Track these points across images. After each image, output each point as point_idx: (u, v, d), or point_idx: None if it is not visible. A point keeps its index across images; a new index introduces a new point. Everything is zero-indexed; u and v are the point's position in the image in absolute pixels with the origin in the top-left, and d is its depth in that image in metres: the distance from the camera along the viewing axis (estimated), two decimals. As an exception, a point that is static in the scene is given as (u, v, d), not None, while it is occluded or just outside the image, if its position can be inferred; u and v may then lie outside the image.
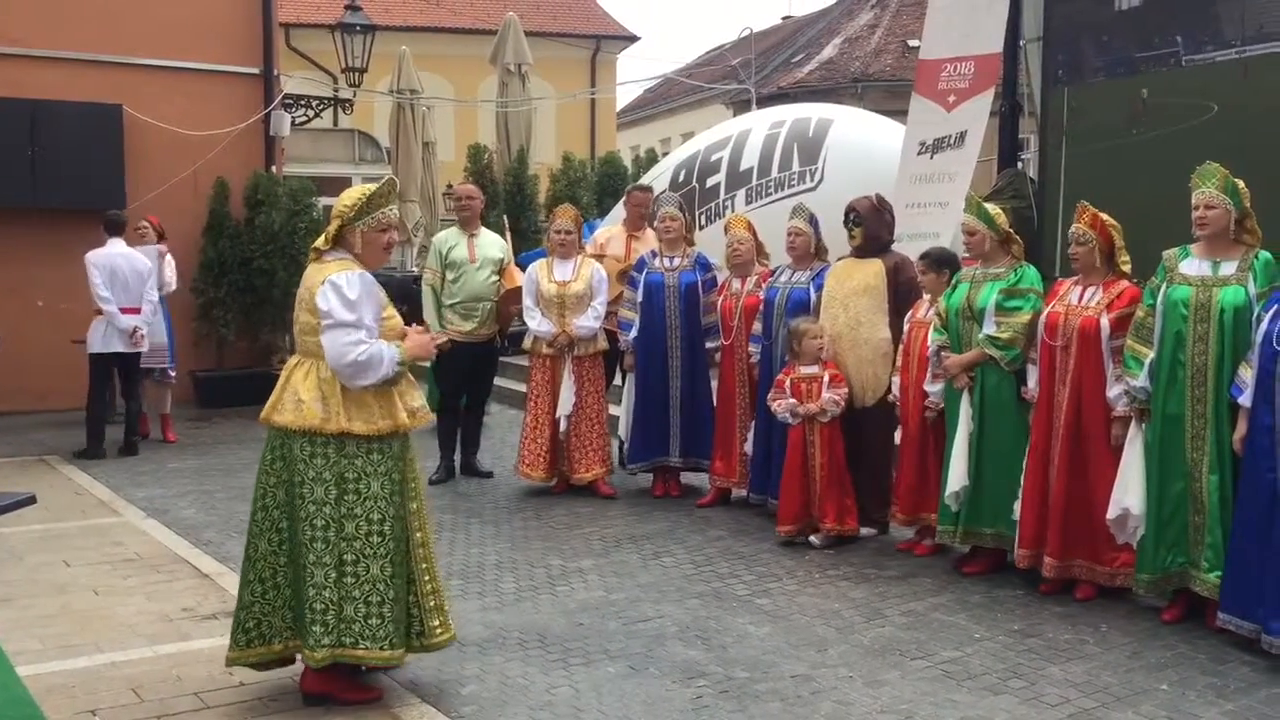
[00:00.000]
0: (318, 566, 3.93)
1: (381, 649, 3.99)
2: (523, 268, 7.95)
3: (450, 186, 8.74)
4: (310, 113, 13.98)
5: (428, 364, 4.93)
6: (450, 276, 7.66)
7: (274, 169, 11.67)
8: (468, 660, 4.60)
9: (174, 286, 9.68)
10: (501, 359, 11.61)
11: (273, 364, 11.16)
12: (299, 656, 4.15)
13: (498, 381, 10.36)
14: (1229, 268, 4.74)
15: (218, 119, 11.17)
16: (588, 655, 4.64)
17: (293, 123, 12.76)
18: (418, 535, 4.18)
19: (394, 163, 15.33)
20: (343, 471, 3.95)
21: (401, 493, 4.10)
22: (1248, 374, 4.55)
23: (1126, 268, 5.18)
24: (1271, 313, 4.48)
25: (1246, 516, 4.57)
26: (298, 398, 3.94)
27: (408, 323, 4.30)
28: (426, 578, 4.18)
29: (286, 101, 12.70)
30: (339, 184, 18.27)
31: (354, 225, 4.05)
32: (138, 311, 8.80)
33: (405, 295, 10.25)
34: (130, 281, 8.78)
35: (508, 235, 8.27)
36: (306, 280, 4.06)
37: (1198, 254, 4.84)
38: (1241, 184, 4.75)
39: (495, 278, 7.75)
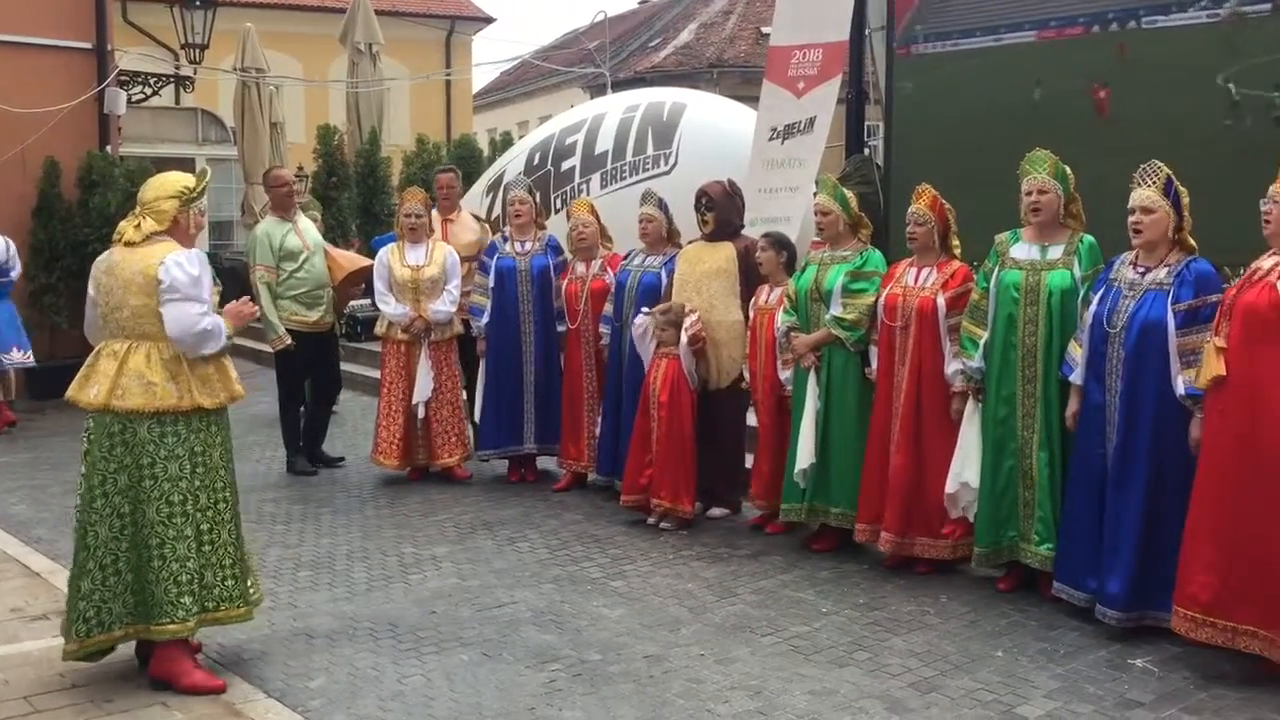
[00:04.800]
0: (179, 540, 4.06)
1: (238, 606, 4.26)
2: (374, 251, 7.79)
3: (271, 169, 8.37)
4: (148, 90, 13.42)
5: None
6: (291, 267, 7.36)
7: (109, 149, 11.16)
8: (316, 652, 4.51)
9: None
10: (353, 345, 11.45)
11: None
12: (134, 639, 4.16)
13: (350, 368, 10.20)
14: (1056, 252, 4.95)
15: (47, 96, 10.58)
16: (440, 643, 4.60)
17: (129, 100, 12.22)
18: (236, 499, 4.37)
19: (240, 143, 14.86)
20: (193, 446, 4.11)
21: (231, 460, 4.31)
22: (1078, 352, 4.76)
23: (958, 250, 5.39)
24: (1100, 294, 4.69)
25: (1078, 491, 4.79)
26: (146, 381, 4.02)
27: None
28: (244, 539, 4.41)
29: (122, 78, 12.15)
30: (182, 165, 17.57)
31: (188, 209, 4.20)
32: None
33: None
34: None
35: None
36: (131, 264, 4.09)
37: (1027, 238, 5.04)
38: (1069, 169, 4.97)
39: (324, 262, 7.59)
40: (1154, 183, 4.51)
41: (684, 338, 6.15)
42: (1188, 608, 4.22)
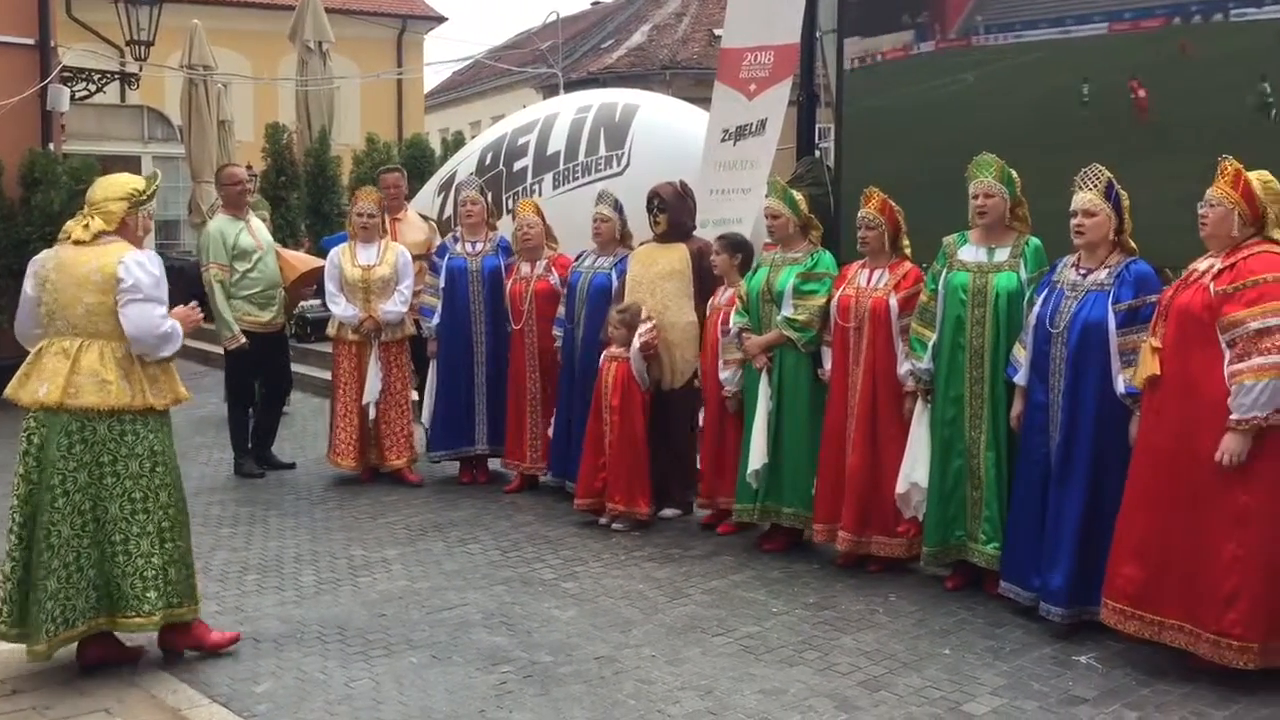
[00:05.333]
0: (142, 537, 4.15)
1: (195, 604, 4.37)
2: (325, 251, 7.73)
3: (222, 168, 8.28)
4: (92, 87, 13.20)
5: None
6: (244, 267, 7.30)
7: (52, 146, 10.97)
8: (263, 657, 4.46)
9: None
10: (304, 346, 11.34)
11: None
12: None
13: (300, 369, 10.10)
14: (1003, 254, 5.01)
15: (-13, 92, 10.42)
16: (389, 646, 4.57)
17: (73, 97, 12.02)
18: None
19: (187, 142, 14.64)
20: (152, 445, 4.18)
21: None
22: (1021, 354, 4.83)
23: (908, 251, 5.44)
24: (1043, 296, 4.76)
25: (1023, 490, 4.85)
26: (101, 379, 4.06)
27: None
28: None
29: (65, 75, 11.96)
30: (127, 163, 17.31)
31: (136, 211, 4.26)
32: None
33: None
34: None
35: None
36: (86, 262, 4.11)
37: (975, 241, 5.10)
38: (1015, 173, 5.03)
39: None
40: (1095, 186, 4.59)
41: (636, 343, 6.15)
42: (1116, 600, 4.30)
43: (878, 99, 7.79)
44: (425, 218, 8.48)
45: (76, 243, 4.15)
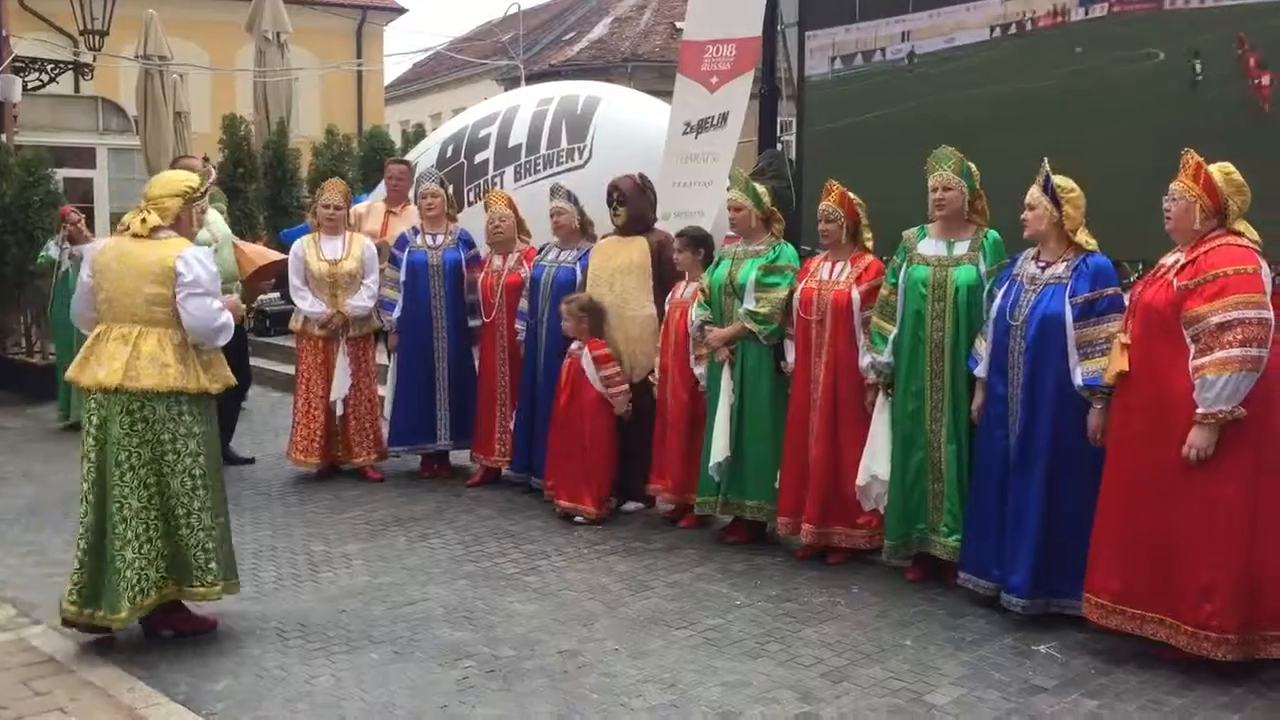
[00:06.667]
0: (204, 511, 4.42)
1: (236, 579, 4.67)
2: (286, 246, 7.63)
3: (178, 159, 8.16)
4: (44, 77, 12.99)
5: None
6: None
7: (4, 137, 10.78)
8: (223, 655, 4.42)
9: None
10: (264, 339, 11.22)
11: (5, 346, 10.33)
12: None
13: (259, 363, 9.99)
14: (962, 247, 5.04)
15: (-64, 82, 10.23)
16: (350, 642, 4.53)
17: (25, 88, 11.82)
18: None
19: (142, 133, 14.42)
20: (205, 428, 4.46)
21: None
22: (982, 347, 4.86)
23: (869, 243, 5.46)
24: (1004, 289, 4.80)
25: (983, 481, 4.88)
26: (162, 363, 4.32)
27: None
28: None
29: (17, 64, 11.76)
30: (82, 154, 17.07)
31: (190, 207, 4.53)
32: None
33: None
34: None
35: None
36: (148, 254, 4.35)
37: (934, 234, 5.12)
38: (974, 166, 5.06)
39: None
40: (1038, 181, 4.65)
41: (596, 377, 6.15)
42: (1098, 596, 4.33)
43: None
44: None
45: (135, 236, 4.39)
